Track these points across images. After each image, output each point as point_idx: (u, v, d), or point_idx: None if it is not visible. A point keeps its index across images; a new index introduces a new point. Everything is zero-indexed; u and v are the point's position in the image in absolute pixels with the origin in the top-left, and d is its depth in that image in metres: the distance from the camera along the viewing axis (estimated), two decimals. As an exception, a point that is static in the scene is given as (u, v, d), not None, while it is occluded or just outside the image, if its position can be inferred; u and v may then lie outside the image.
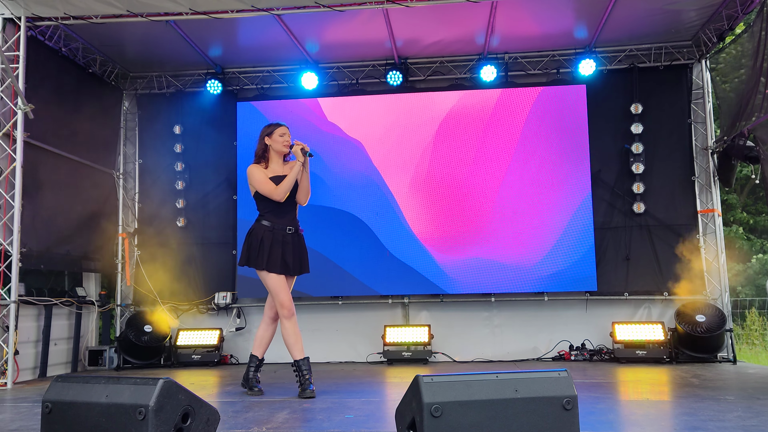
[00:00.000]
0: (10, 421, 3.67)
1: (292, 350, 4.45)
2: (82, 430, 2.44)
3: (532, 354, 6.94)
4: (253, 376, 4.64)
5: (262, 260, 4.37)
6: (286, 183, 4.42)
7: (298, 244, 4.53)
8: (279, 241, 4.42)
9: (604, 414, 3.58)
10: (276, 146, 4.56)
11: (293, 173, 4.44)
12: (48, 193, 6.33)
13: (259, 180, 4.46)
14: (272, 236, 4.41)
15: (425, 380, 2.30)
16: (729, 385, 4.75)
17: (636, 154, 6.97)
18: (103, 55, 7.12)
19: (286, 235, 4.46)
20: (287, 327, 4.44)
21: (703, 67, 7.05)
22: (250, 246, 4.44)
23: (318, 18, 6.17)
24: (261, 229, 4.45)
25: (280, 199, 4.43)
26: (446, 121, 7.21)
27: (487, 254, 6.99)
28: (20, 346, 5.62)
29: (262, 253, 4.37)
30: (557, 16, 6.49)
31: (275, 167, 4.58)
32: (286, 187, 4.43)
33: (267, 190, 4.44)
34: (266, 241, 4.39)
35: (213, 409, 2.57)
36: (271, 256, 4.37)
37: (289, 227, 4.50)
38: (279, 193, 4.42)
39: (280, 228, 4.46)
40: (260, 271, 4.42)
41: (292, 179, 4.43)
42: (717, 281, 6.80)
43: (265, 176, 4.48)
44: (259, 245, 4.39)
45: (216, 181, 7.57)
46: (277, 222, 4.46)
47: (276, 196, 4.42)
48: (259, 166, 4.55)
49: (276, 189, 4.42)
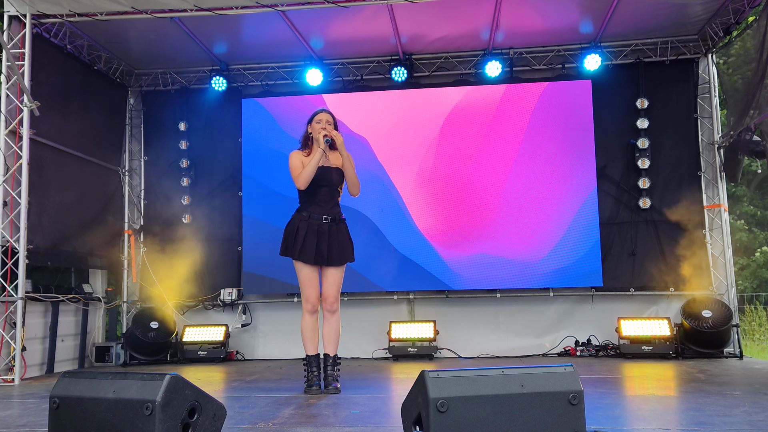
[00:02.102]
0: (18, 417, 3.69)
1: (306, 345, 4.40)
2: (89, 425, 2.45)
3: (538, 350, 6.93)
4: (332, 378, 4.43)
5: (296, 250, 4.32)
6: (308, 170, 4.33)
7: (336, 233, 4.42)
8: (314, 231, 4.34)
9: (610, 409, 3.57)
10: (314, 133, 4.49)
11: (313, 160, 4.34)
12: (54, 190, 6.35)
13: (291, 166, 4.43)
14: (307, 226, 4.35)
15: (431, 375, 2.30)
16: (735, 380, 4.73)
17: (642, 149, 6.95)
18: (108, 52, 7.13)
19: (321, 224, 4.37)
20: (307, 321, 4.39)
21: (709, 61, 7.01)
22: (287, 236, 4.40)
23: (322, 14, 6.17)
24: (297, 219, 4.40)
25: (301, 186, 4.36)
26: (451, 116, 7.20)
27: (492, 250, 6.98)
28: (27, 343, 5.65)
29: (297, 243, 4.32)
30: (562, 11, 6.47)
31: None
32: (306, 175, 4.33)
33: (293, 176, 4.40)
34: (301, 231, 4.34)
35: (219, 404, 2.58)
36: (305, 246, 4.31)
37: (326, 216, 4.40)
38: (300, 181, 4.35)
39: (317, 217, 4.38)
40: (296, 261, 4.36)
41: (312, 166, 4.34)
42: (723, 276, 6.78)
43: (298, 163, 4.42)
44: (294, 235, 4.34)
45: (221, 178, 7.59)
46: (315, 211, 4.39)
47: (297, 183, 4.38)
48: (298, 151, 4.50)
49: (297, 177, 4.38)
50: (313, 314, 4.42)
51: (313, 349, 4.42)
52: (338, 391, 4.31)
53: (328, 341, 4.44)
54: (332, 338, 4.43)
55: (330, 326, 4.45)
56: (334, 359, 4.41)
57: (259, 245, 7.30)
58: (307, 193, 4.42)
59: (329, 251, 4.37)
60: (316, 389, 4.32)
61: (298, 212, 4.46)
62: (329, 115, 4.52)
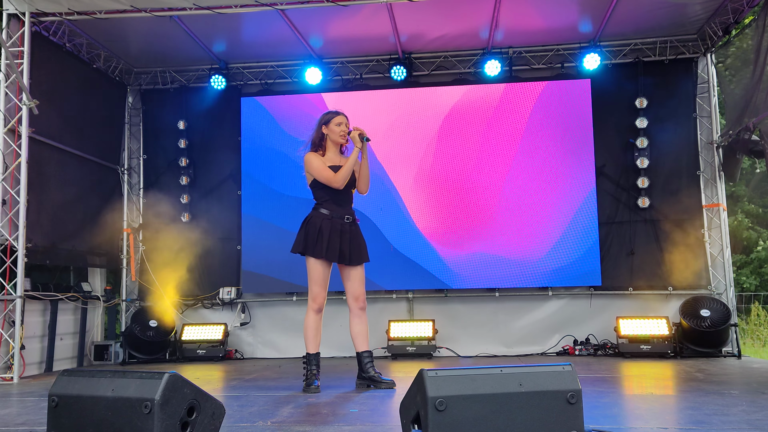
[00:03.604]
0: (17, 415, 3.69)
1: (308, 343, 4.41)
2: (88, 423, 2.45)
3: (537, 349, 6.94)
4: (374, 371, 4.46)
5: (321, 249, 4.30)
6: (345, 169, 4.36)
7: (355, 233, 4.45)
8: (337, 231, 4.35)
9: (608, 408, 3.58)
10: (333, 135, 4.48)
11: (352, 159, 4.37)
12: (53, 189, 6.35)
13: (318, 167, 4.39)
14: (331, 225, 4.34)
15: (430, 374, 2.30)
16: (733, 379, 4.74)
17: (641, 148, 6.95)
18: (107, 50, 7.12)
19: (344, 224, 4.39)
20: (312, 319, 4.39)
21: (708, 61, 7.01)
22: (307, 234, 4.36)
23: (322, 13, 6.17)
24: (319, 218, 4.37)
25: (339, 186, 4.37)
26: (450, 115, 7.20)
27: (491, 249, 6.99)
28: (26, 341, 5.65)
29: (321, 242, 4.30)
30: (562, 10, 6.47)
31: (332, 156, 4.51)
32: (345, 174, 4.36)
33: (326, 177, 4.37)
34: (325, 230, 4.32)
35: (218, 403, 2.58)
36: (329, 246, 4.30)
37: (347, 216, 4.43)
38: (338, 180, 4.35)
39: (339, 217, 4.39)
40: (310, 258, 4.34)
41: (351, 165, 4.36)
42: (722, 276, 6.79)
43: (323, 163, 4.41)
44: (317, 234, 4.32)
45: (220, 177, 7.59)
46: (336, 211, 4.40)
47: (336, 183, 4.36)
48: (316, 154, 4.48)
49: (335, 176, 4.35)
50: (318, 313, 4.42)
51: (314, 347, 4.43)
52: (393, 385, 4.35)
53: (362, 339, 4.47)
54: (365, 335, 4.49)
55: (362, 324, 4.48)
56: (371, 354, 4.47)
57: (259, 244, 7.31)
58: (329, 192, 4.41)
59: (350, 251, 4.40)
60: (315, 388, 4.32)
61: (316, 210, 4.43)
62: (346, 117, 4.55)
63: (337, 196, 4.43)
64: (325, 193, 4.43)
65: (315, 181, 4.45)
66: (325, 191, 4.43)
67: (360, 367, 4.49)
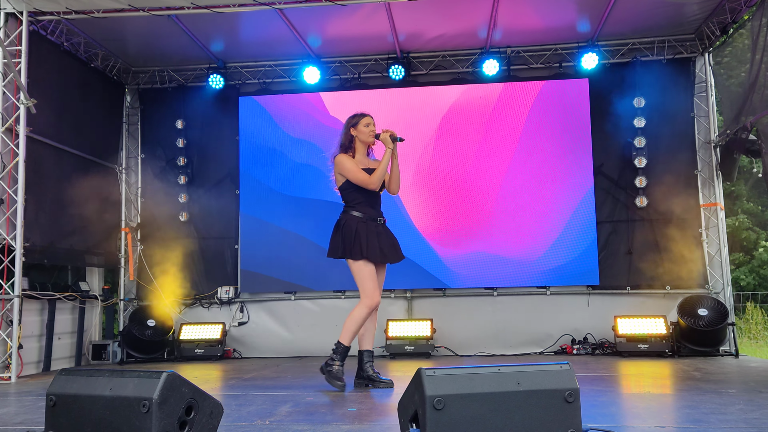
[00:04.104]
0: (15, 415, 3.69)
1: (344, 333, 4.35)
2: (86, 423, 2.45)
3: (535, 348, 6.94)
4: (372, 370, 4.45)
5: (361, 250, 4.28)
6: (380, 171, 4.36)
7: (387, 233, 4.48)
8: (374, 232, 4.36)
9: (606, 407, 3.58)
10: (362, 137, 4.48)
11: (385, 160, 4.36)
12: (51, 188, 6.34)
13: (352, 169, 4.38)
14: (366, 227, 4.35)
15: (428, 373, 2.31)
16: (731, 378, 4.75)
17: (639, 147, 6.96)
18: (105, 49, 7.12)
19: (378, 226, 4.41)
20: (363, 316, 4.33)
21: (706, 60, 7.02)
22: (344, 237, 4.34)
23: (320, 12, 6.17)
24: (354, 221, 4.36)
25: (375, 188, 4.37)
26: (448, 115, 7.20)
27: (489, 248, 6.99)
28: (24, 341, 5.64)
29: (360, 244, 4.29)
30: (559, 10, 6.47)
31: (360, 158, 4.50)
32: (380, 175, 4.36)
33: (361, 179, 4.36)
34: (362, 232, 4.32)
35: (216, 402, 2.58)
36: (369, 246, 4.30)
37: (380, 218, 4.46)
38: (374, 182, 4.35)
39: (372, 219, 4.40)
40: (355, 261, 4.31)
41: (385, 166, 4.36)
42: (719, 275, 6.80)
43: (357, 165, 4.40)
44: (354, 236, 4.30)
45: (219, 176, 7.58)
46: (369, 213, 4.40)
47: (371, 185, 4.35)
48: (347, 155, 4.47)
49: (370, 178, 4.35)
50: (370, 309, 4.35)
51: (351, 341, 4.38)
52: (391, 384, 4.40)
53: (369, 337, 4.48)
54: (372, 334, 4.49)
55: (372, 322, 4.48)
56: (372, 354, 4.50)
57: (257, 243, 7.31)
58: (362, 194, 4.41)
59: (389, 250, 4.42)
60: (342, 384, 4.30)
61: (349, 213, 4.41)
62: (372, 118, 4.59)
63: (370, 198, 4.44)
64: (359, 195, 4.42)
65: (347, 183, 4.42)
66: (359, 193, 4.41)
67: (360, 366, 4.49)
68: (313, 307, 7.29)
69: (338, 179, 4.48)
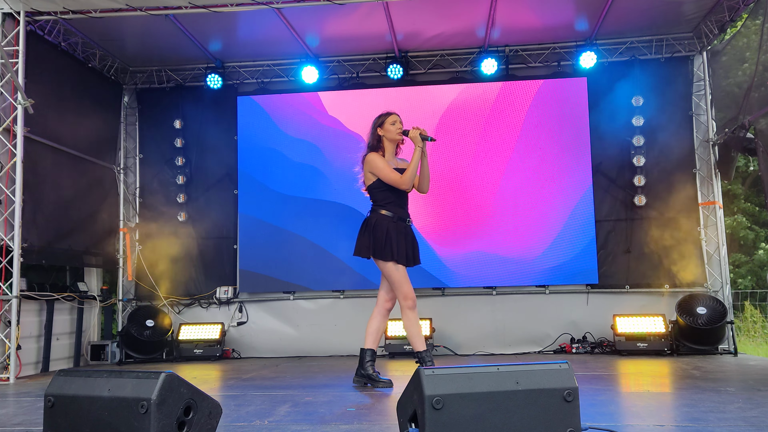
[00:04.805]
0: (13, 416, 3.68)
1: (415, 340, 4.34)
2: (84, 423, 2.45)
3: (534, 347, 6.95)
4: (372, 369, 4.45)
5: (391, 252, 4.26)
6: (411, 170, 4.32)
7: (412, 235, 4.46)
8: (402, 232, 4.34)
9: (605, 406, 3.58)
10: (389, 135, 4.43)
11: (415, 159, 4.31)
12: (49, 189, 6.33)
13: (384, 168, 4.33)
14: (396, 227, 4.32)
15: (427, 373, 2.30)
16: (730, 376, 4.75)
17: (637, 146, 6.96)
18: (102, 49, 7.11)
19: (407, 226, 4.40)
20: (411, 317, 4.32)
21: (704, 59, 7.02)
22: (375, 238, 4.30)
23: (318, 11, 6.16)
24: (385, 220, 4.32)
25: (407, 188, 4.33)
26: (447, 114, 7.20)
27: (488, 247, 6.99)
28: (22, 341, 5.63)
29: (390, 245, 4.26)
30: (558, 9, 6.47)
31: (389, 158, 4.46)
32: (411, 175, 4.32)
33: (393, 178, 4.32)
34: (392, 232, 4.29)
35: (215, 402, 2.58)
36: (399, 247, 4.28)
37: (408, 219, 4.43)
38: (406, 182, 4.31)
39: (401, 219, 4.38)
40: (386, 262, 4.29)
41: (415, 166, 4.32)
42: (718, 273, 6.81)
43: (388, 165, 4.36)
44: (385, 236, 4.27)
45: (217, 176, 7.58)
46: (398, 212, 4.37)
47: (403, 185, 4.32)
48: (378, 154, 4.42)
49: (402, 177, 4.31)
50: (413, 309, 4.36)
51: (422, 344, 4.34)
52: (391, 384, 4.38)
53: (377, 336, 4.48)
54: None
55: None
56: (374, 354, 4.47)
57: (255, 243, 7.31)
58: (394, 194, 4.37)
59: (413, 252, 4.42)
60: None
61: (379, 213, 4.37)
62: (399, 116, 4.53)
63: (400, 198, 4.40)
64: (390, 195, 4.38)
65: (378, 182, 4.38)
66: (390, 192, 4.37)
67: (360, 364, 4.46)
68: (312, 306, 7.29)
69: (368, 178, 4.42)
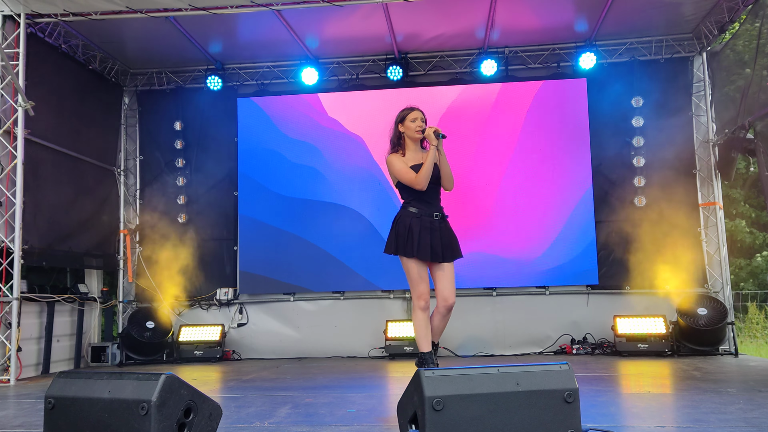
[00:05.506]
0: (14, 417, 3.68)
1: (420, 341, 4.28)
2: (85, 425, 2.45)
3: (534, 348, 6.94)
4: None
5: (412, 248, 4.22)
6: (425, 170, 4.27)
7: (446, 230, 4.38)
8: (427, 228, 4.28)
9: (605, 407, 3.58)
10: (409, 132, 4.39)
11: (429, 159, 4.29)
12: (49, 190, 6.34)
13: (400, 169, 4.32)
14: (420, 223, 4.28)
15: (427, 374, 2.31)
16: (730, 377, 4.75)
17: (637, 147, 6.96)
18: (103, 51, 7.11)
19: (433, 221, 4.33)
20: (420, 318, 4.27)
21: (704, 59, 7.03)
22: (398, 234, 4.28)
23: (318, 13, 6.17)
24: (408, 216, 4.29)
25: (422, 187, 4.29)
26: (447, 115, 7.20)
27: (488, 249, 6.99)
28: (23, 343, 5.63)
29: (412, 241, 4.22)
30: (557, 10, 6.47)
31: (413, 155, 4.41)
32: (425, 174, 4.27)
33: (408, 179, 4.29)
34: (415, 228, 4.25)
35: (215, 404, 2.58)
36: (421, 243, 4.23)
37: (436, 213, 4.36)
38: (420, 182, 4.27)
39: (428, 214, 4.33)
40: (408, 259, 4.24)
41: (429, 165, 4.29)
42: (718, 274, 6.80)
43: (405, 165, 4.34)
44: (407, 232, 4.24)
45: (217, 177, 7.58)
46: (425, 209, 4.33)
47: (418, 185, 4.28)
48: (397, 154, 4.39)
49: (416, 178, 4.28)
50: (425, 310, 4.30)
51: (428, 345, 4.28)
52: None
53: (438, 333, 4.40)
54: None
55: (445, 321, 4.41)
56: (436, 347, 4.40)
57: (255, 245, 7.31)
58: (415, 192, 4.34)
59: (443, 248, 4.33)
60: None
61: (405, 209, 4.35)
62: (421, 112, 4.45)
63: (424, 195, 4.36)
64: (411, 193, 4.35)
65: (400, 182, 4.38)
66: (411, 191, 4.35)
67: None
68: (312, 308, 7.29)
69: (392, 178, 4.43)
